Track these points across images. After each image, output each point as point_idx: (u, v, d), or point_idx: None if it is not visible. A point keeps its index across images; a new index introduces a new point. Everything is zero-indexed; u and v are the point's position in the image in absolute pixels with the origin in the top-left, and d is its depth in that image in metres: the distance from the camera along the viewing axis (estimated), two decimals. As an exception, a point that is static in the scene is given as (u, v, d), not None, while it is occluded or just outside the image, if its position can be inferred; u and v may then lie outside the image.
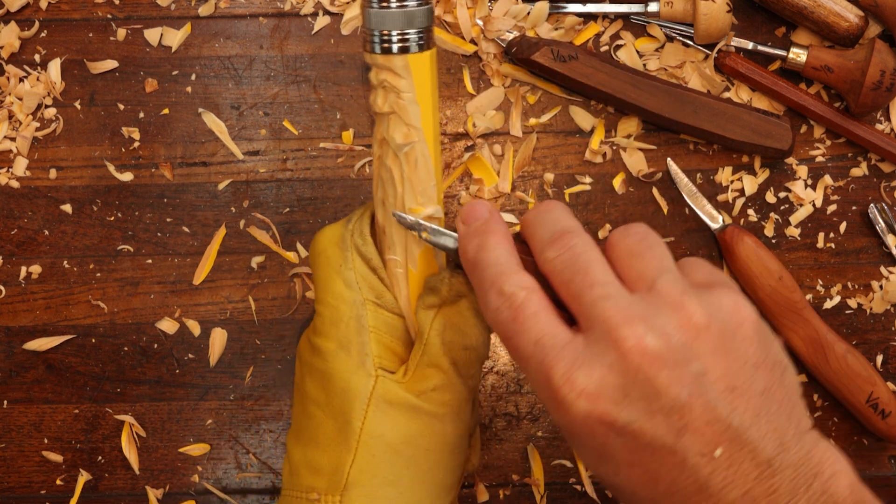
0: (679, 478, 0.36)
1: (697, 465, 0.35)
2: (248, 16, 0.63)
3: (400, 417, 0.45)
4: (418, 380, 0.45)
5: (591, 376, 0.36)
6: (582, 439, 0.37)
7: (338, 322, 0.46)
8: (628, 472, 0.37)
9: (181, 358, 0.61)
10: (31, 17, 0.63)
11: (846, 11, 0.61)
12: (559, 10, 0.63)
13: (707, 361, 0.36)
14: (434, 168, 0.46)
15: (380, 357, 0.45)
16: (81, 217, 0.62)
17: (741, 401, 0.36)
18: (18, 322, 0.61)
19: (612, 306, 0.37)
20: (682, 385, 0.35)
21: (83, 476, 0.60)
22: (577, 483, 0.61)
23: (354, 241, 0.47)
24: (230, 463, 0.61)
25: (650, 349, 0.36)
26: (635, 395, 0.35)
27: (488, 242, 0.41)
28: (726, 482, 0.35)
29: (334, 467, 0.45)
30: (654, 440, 0.36)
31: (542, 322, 0.38)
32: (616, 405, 0.36)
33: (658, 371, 0.35)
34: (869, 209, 0.62)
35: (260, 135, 0.62)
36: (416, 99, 0.45)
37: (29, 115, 0.62)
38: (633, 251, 0.40)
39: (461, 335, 0.45)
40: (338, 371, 0.45)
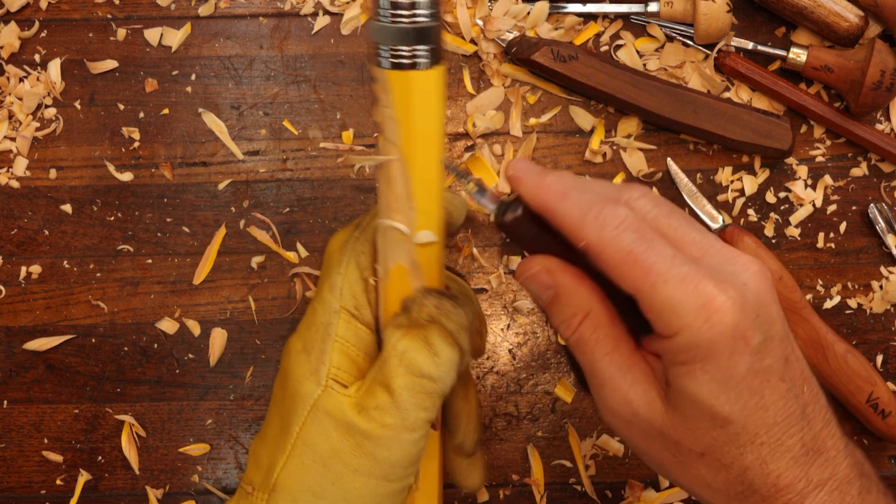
0: (784, 407, 0.38)
1: (796, 396, 0.38)
2: (248, 16, 0.63)
3: (333, 431, 0.44)
4: (365, 396, 0.44)
5: (737, 289, 0.37)
6: (716, 358, 0.37)
7: (311, 325, 0.46)
8: (747, 399, 0.37)
9: (181, 358, 0.61)
10: (31, 17, 0.63)
11: (846, 11, 0.61)
12: (559, 10, 0.63)
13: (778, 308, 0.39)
14: (417, 192, 0.44)
15: (339, 368, 0.45)
16: (81, 217, 0.62)
17: (797, 351, 0.39)
18: (18, 322, 0.61)
19: (720, 243, 0.39)
20: (782, 319, 0.38)
21: (83, 476, 0.60)
22: (577, 483, 0.61)
23: (356, 248, 0.46)
24: (230, 463, 0.61)
25: (768, 279, 0.38)
26: (763, 315, 0.37)
27: (563, 173, 0.41)
28: (812, 416, 0.38)
29: (269, 466, 0.45)
30: (772, 365, 0.37)
31: (667, 244, 0.38)
32: (753, 322, 0.37)
33: (773, 299, 0.38)
34: (869, 209, 0.62)
35: (260, 135, 0.62)
36: (393, 115, 0.43)
37: (29, 115, 0.62)
38: (671, 224, 0.40)
39: (424, 362, 0.44)
40: (295, 372, 0.45)
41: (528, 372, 0.61)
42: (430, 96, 0.44)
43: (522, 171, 0.41)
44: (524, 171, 0.41)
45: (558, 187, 0.40)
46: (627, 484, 0.61)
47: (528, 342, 0.62)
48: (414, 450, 0.45)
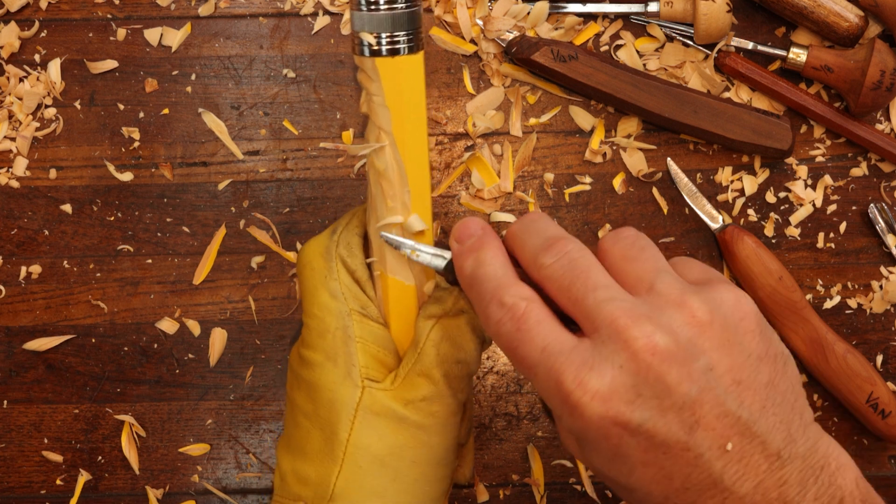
0: (693, 473, 0.36)
1: (710, 460, 0.36)
2: (248, 16, 0.63)
3: (386, 428, 0.45)
4: (407, 388, 0.45)
5: (603, 378, 0.36)
6: (595, 442, 0.37)
7: (324, 333, 0.46)
8: (643, 472, 0.37)
9: (181, 358, 0.61)
10: (31, 17, 0.63)
11: (846, 11, 0.61)
12: (559, 9, 0.63)
13: (713, 356, 0.37)
14: (410, 175, 0.45)
15: (366, 367, 0.45)
16: (81, 217, 0.62)
17: (748, 394, 0.37)
18: (18, 322, 0.61)
19: (617, 307, 0.37)
20: (692, 381, 0.36)
21: (83, 476, 0.60)
22: (577, 483, 0.61)
23: (339, 251, 0.47)
24: (230, 463, 0.61)
25: (660, 347, 0.36)
26: (647, 393, 0.36)
27: (484, 257, 0.41)
28: (738, 475, 0.36)
29: (321, 478, 0.45)
30: (668, 438, 0.36)
31: (546, 329, 0.38)
32: (629, 405, 0.36)
33: (668, 369, 0.36)
34: (869, 209, 0.62)
35: (260, 135, 0.62)
36: (385, 103, 0.44)
37: (29, 115, 0.62)
38: (626, 255, 0.40)
39: (456, 348, 0.46)
40: (325, 382, 0.45)
41: (528, 372, 0.61)
42: (418, 79, 0.45)
43: (457, 238, 0.43)
44: (458, 240, 0.43)
45: (468, 274, 0.42)
46: (627, 484, 0.61)
47: (528, 342, 0.62)
48: (457, 430, 0.47)
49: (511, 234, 0.42)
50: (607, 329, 0.36)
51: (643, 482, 0.37)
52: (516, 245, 0.42)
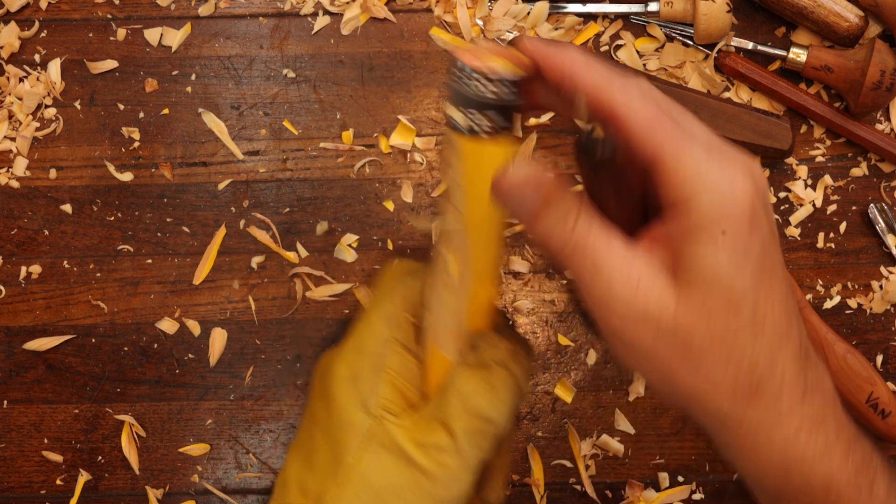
0: (786, 300, 0.37)
1: (792, 299, 0.37)
2: (248, 16, 0.63)
3: (391, 465, 0.44)
4: (423, 431, 0.44)
5: (751, 173, 0.36)
6: (736, 228, 0.36)
7: (360, 351, 0.45)
8: (760, 279, 0.36)
9: (181, 358, 0.61)
10: (31, 17, 0.63)
11: (846, 11, 0.61)
12: (559, 10, 0.63)
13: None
14: (475, 257, 0.43)
15: (388, 399, 0.44)
16: (81, 217, 0.62)
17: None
18: (18, 322, 0.61)
19: (723, 140, 0.38)
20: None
21: (83, 476, 0.60)
22: (577, 483, 0.61)
23: (410, 283, 0.46)
24: (230, 463, 0.61)
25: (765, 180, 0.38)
26: (768, 210, 0.37)
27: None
28: (801, 323, 0.37)
29: (319, 495, 0.45)
30: (777, 257, 0.37)
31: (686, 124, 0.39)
32: (763, 209, 0.36)
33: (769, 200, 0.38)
34: (869, 209, 0.62)
35: (260, 135, 0.62)
36: (462, 182, 0.42)
37: (29, 115, 0.62)
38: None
39: (486, 406, 0.43)
40: (341, 400, 0.45)
41: (528, 372, 0.61)
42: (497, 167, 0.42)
43: (541, 46, 0.39)
44: (543, 46, 0.39)
45: (582, 58, 0.38)
46: (627, 484, 0.61)
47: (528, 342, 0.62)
48: (468, 487, 0.45)
49: (582, 62, 0.39)
50: (724, 146, 0.37)
51: (757, 293, 0.36)
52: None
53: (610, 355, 0.39)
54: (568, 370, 0.61)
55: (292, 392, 0.61)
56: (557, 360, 0.62)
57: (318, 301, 0.61)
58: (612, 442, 0.61)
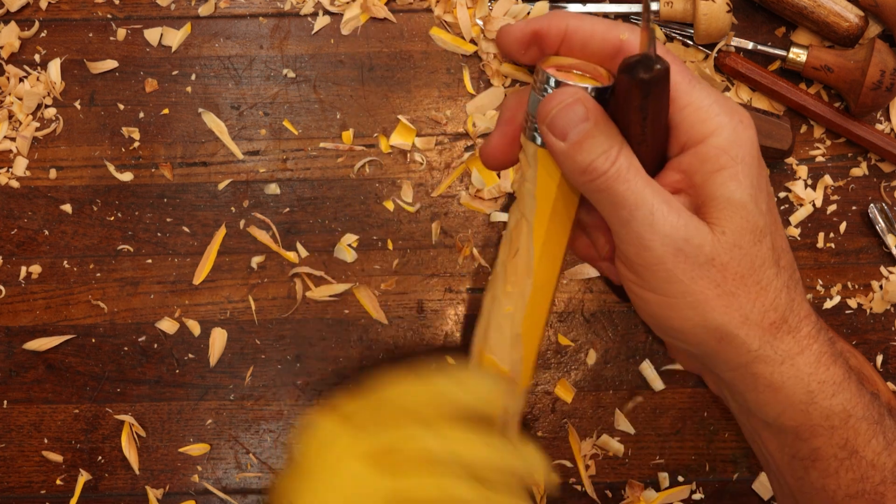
0: (785, 241, 0.38)
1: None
2: (248, 16, 0.63)
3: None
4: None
5: (747, 116, 0.38)
6: (749, 160, 0.38)
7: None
8: (771, 214, 0.38)
9: (181, 358, 0.61)
10: (31, 17, 0.63)
11: (846, 11, 0.61)
12: (559, 9, 0.63)
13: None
14: (537, 271, 0.43)
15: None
16: (81, 217, 0.62)
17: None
18: (18, 322, 0.61)
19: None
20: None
21: (83, 476, 0.60)
22: (577, 483, 0.61)
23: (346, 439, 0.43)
24: (230, 463, 0.61)
25: None
26: (761, 153, 0.39)
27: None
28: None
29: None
30: (772, 197, 0.38)
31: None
32: (759, 150, 0.39)
33: None
34: (869, 209, 0.62)
35: (260, 135, 0.62)
36: (535, 193, 0.42)
37: (29, 115, 0.62)
38: None
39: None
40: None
41: (528, 372, 0.61)
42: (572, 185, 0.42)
43: (572, 15, 0.40)
44: (573, 15, 0.40)
45: (579, 16, 0.40)
46: (627, 484, 0.61)
47: (528, 342, 0.62)
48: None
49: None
50: (719, 94, 0.39)
51: (772, 227, 0.38)
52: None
53: (640, 304, 0.38)
54: (568, 370, 0.61)
55: (292, 392, 0.61)
56: (557, 360, 0.62)
57: (318, 301, 0.61)
58: (612, 442, 0.61)
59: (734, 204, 0.37)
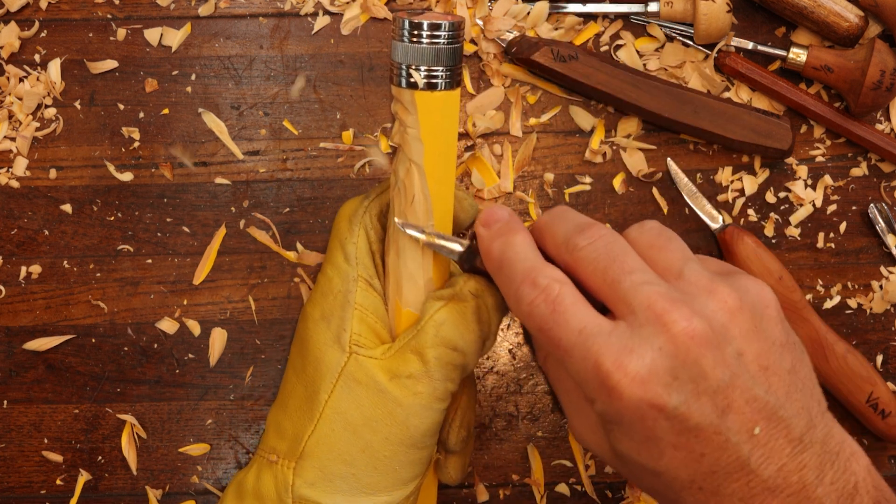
0: (721, 457, 0.37)
1: (739, 444, 0.37)
2: (248, 16, 0.63)
3: (365, 398, 0.45)
4: (397, 362, 0.45)
5: (643, 361, 0.36)
6: (630, 425, 0.37)
7: (328, 293, 0.47)
8: (672, 455, 0.37)
9: (181, 358, 0.61)
10: (31, 17, 0.63)
11: (846, 11, 0.61)
12: (559, 10, 0.63)
13: (742, 343, 0.38)
14: (436, 208, 0.45)
15: (359, 335, 0.45)
16: (81, 217, 0.62)
17: (774, 379, 0.38)
18: (18, 322, 0.61)
19: (654, 291, 0.37)
20: (725, 366, 0.37)
21: (83, 476, 0.60)
22: (577, 483, 0.61)
23: (365, 219, 0.47)
24: (230, 463, 0.61)
25: (697, 331, 0.36)
26: (684, 377, 0.36)
27: (514, 240, 0.42)
28: (763, 458, 0.37)
29: (295, 434, 0.46)
30: (701, 421, 0.36)
31: (582, 311, 0.38)
32: (666, 388, 0.36)
33: (705, 353, 0.36)
34: (869, 209, 0.62)
35: (260, 135, 0.62)
36: (419, 136, 0.44)
37: (29, 115, 0.62)
38: (654, 244, 0.41)
39: (457, 335, 0.45)
40: (315, 341, 0.46)
41: (528, 372, 0.61)
42: (453, 115, 0.44)
43: (484, 223, 0.43)
44: (485, 226, 0.43)
45: (496, 257, 0.42)
46: (627, 484, 0.61)
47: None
48: (440, 418, 0.47)
49: (539, 223, 0.43)
50: (645, 312, 0.37)
51: (672, 466, 0.37)
52: (546, 232, 0.42)
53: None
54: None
55: (292, 392, 0.61)
56: (557, 360, 0.61)
57: (318, 301, 0.61)
58: (612, 442, 0.61)
59: (625, 458, 0.40)
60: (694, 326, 0.36)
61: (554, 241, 0.41)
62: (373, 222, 0.48)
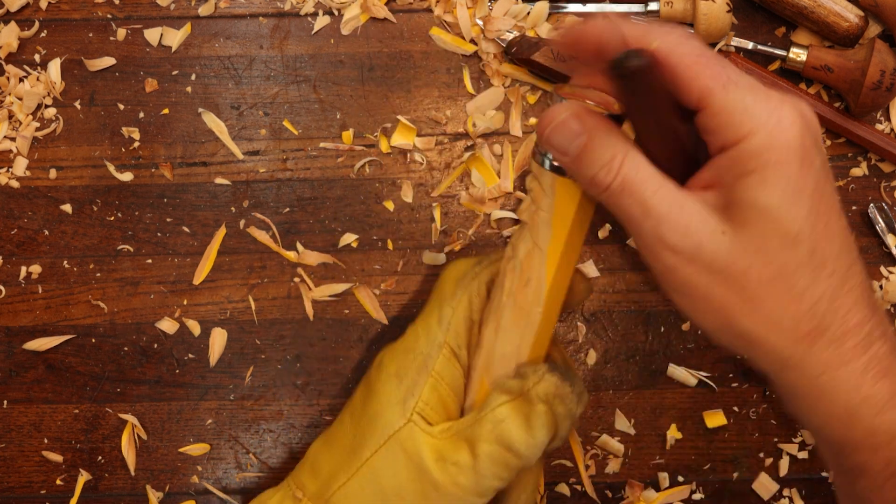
0: (846, 241, 0.37)
1: (851, 239, 0.38)
2: (248, 16, 0.63)
3: (404, 469, 0.43)
4: (448, 445, 0.43)
5: (799, 109, 0.37)
6: (787, 164, 0.35)
7: (409, 350, 0.45)
8: (816, 219, 0.36)
9: (181, 358, 0.61)
10: (31, 17, 0.63)
11: (846, 11, 0.61)
12: (559, 9, 0.63)
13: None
14: (549, 295, 0.43)
15: (427, 404, 0.44)
16: (81, 217, 0.62)
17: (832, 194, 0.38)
18: (18, 322, 0.61)
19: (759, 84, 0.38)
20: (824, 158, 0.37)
21: (83, 476, 0.60)
22: (577, 483, 0.61)
23: (472, 286, 0.45)
24: (230, 463, 0.61)
25: (815, 117, 0.38)
26: (819, 145, 0.37)
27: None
28: (861, 267, 0.38)
29: (329, 479, 0.45)
30: (831, 194, 0.37)
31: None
32: (814, 144, 0.36)
33: (821, 137, 0.39)
34: (869, 209, 0.62)
35: (260, 135, 0.62)
36: (550, 221, 0.41)
37: (29, 114, 0.62)
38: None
39: (516, 437, 0.43)
40: (381, 394, 0.44)
41: (528, 372, 0.61)
42: (587, 212, 0.42)
43: (575, 28, 0.39)
44: (577, 28, 0.39)
45: (615, 22, 0.38)
46: (627, 484, 0.61)
47: (528, 342, 0.62)
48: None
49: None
50: (769, 88, 0.37)
51: (814, 233, 0.36)
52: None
53: (671, 300, 0.38)
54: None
55: (292, 392, 0.61)
56: (557, 360, 0.61)
57: (318, 301, 0.61)
58: (612, 442, 0.61)
59: (759, 208, 0.35)
60: (812, 111, 0.37)
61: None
62: (479, 290, 0.45)
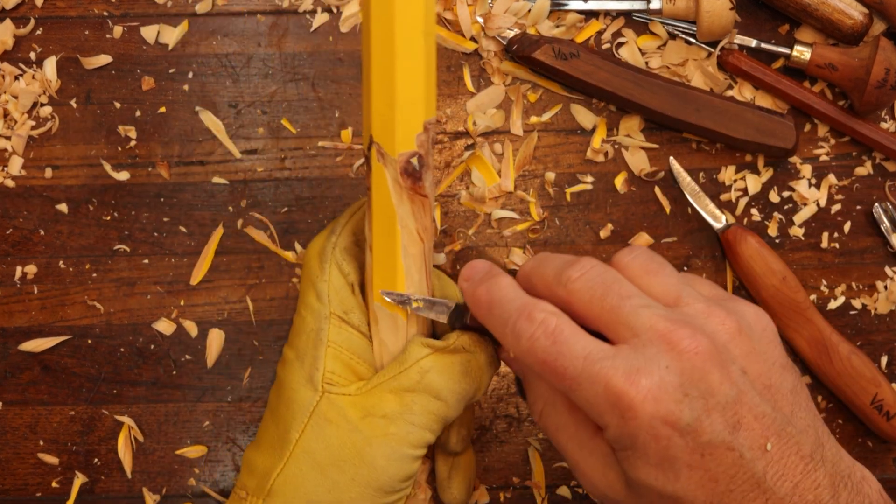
0: (737, 474, 0.37)
1: (752, 460, 0.37)
2: (246, 13, 0.63)
3: (334, 437, 0.44)
4: (372, 400, 0.45)
5: (652, 379, 0.37)
6: (645, 446, 0.37)
7: (300, 332, 0.46)
8: (689, 476, 0.37)
9: (178, 359, 0.60)
10: (27, 15, 0.62)
11: (850, 9, 0.60)
12: (560, 7, 0.62)
13: (744, 362, 0.38)
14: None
15: (333, 372, 0.45)
16: (77, 217, 0.61)
17: (778, 397, 0.38)
18: (14, 323, 0.61)
19: (655, 314, 0.38)
20: (732, 383, 0.37)
21: (79, 479, 0.60)
22: (579, 486, 0.60)
23: (335, 255, 0.47)
24: (227, 465, 0.60)
25: (702, 348, 0.37)
26: (694, 393, 0.37)
27: (499, 282, 0.42)
28: (778, 475, 0.37)
29: (265, 471, 0.46)
30: (713, 437, 0.37)
31: (584, 339, 0.39)
32: (678, 404, 0.37)
33: (711, 369, 0.37)
34: (873, 208, 0.62)
35: (258, 133, 0.62)
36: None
37: (24, 113, 0.62)
38: (647, 269, 0.41)
39: (443, 384, 0.45)
40: (288, 381, 0.46)
41: (528, 373, 0.61)
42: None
43: (465, 277, 0.44)
44: (466, 279, 0.44)
45: (485, 300, 0.42)
46: (629, 486, 0.60)
47: (529, 343, 0.61)
48: (412, 467, 0.46)
49: (525, 270, 0.43)
50: (648, 333, 0.38)
51: (689, 488, 0.37)
52: (533, 275, 0.43)
53: None
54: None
55: (290, 393, 0.60)
56: (558, 362, 0.61)
57: (317, 301, 0.61)
58: (613, 444, 0.60)
59: (634, 480, 0.38)
60: (698, 343, 0.37)
61: (544, 281, 0.42)
62: (343, 255, 0.47)
